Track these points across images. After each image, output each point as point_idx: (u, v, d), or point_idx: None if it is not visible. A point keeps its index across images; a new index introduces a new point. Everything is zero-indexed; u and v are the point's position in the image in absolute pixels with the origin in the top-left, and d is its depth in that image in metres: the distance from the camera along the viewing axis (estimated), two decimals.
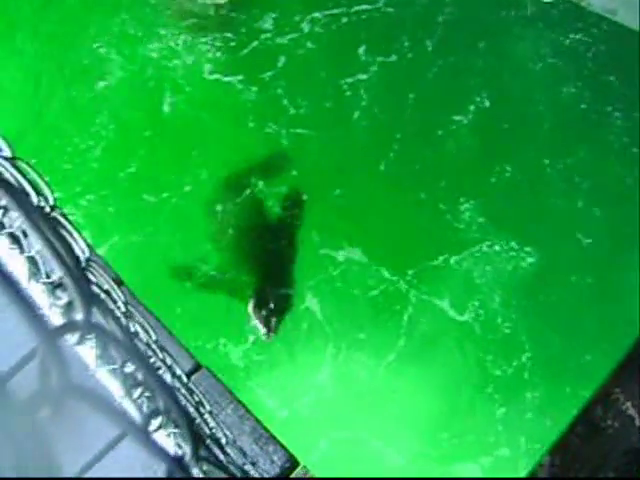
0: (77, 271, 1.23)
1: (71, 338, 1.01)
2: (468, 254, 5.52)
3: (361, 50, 6.30)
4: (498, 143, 5.99)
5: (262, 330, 5.17)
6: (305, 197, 5.75)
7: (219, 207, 5.71)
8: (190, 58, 6.35)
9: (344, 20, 6.50)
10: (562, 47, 6.32)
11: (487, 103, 6.06)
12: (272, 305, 5.23)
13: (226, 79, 6.24)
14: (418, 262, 5.51)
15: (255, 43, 6.37)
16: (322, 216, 5.68)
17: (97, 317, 1.15)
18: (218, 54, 6.38)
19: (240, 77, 6.21)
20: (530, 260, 5.48)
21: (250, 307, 5.25)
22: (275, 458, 2.32)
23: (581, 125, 6.04)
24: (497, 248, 5.54)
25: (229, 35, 6.44)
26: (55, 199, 1.78)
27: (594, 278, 5.41)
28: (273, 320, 5.18)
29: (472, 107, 6.05)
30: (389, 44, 6.36)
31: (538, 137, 5.97)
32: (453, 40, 6.40)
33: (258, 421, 2.30)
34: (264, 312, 5.19)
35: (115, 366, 1.85)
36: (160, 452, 0.97)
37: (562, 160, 5.85)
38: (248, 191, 5.79)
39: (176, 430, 1.33)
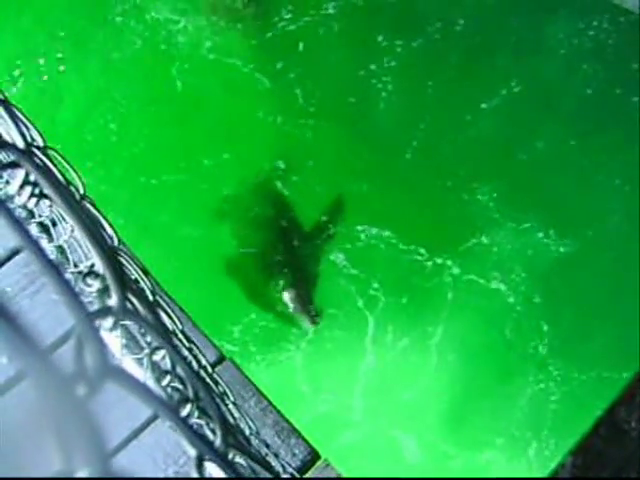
0: (112, 257, 1.24)
1: (105, 323, 1.02)
2: (498, 236, 5.47)
3: (382, 36, 6.14)
4: (524, 125, 5.89)
5: (307, 324, 5.18)
6: (325, 186, 5.72)
7: (225, 191, 5.67)
8: (206, 44, 6.29)
9: None
10: (587, 34, 6.18)
11: (517, 88, 5.94)
12: (307, 298, 5.24)
13: (248, 65, 6.18)
14: (448, 243, 5.50)
15: (271, 32, 6.30)
16: (343, 202, 5.66)
17: (131, 304, 1.16)
18: (240, 41, 6.32)
19: (261, 65, 6.17)
20: (560, 242, 5.43)
21: (287, 299, 5.24)
22: (297, 451, 2.33)
23: (603, 110, 5.91)
24: (529, 230, 5.48)
25: (251, 22, 6.39)
26: (85, 188, 1.81)
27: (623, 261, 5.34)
28: (313, 311, 5.19)
29: (504, 91, 5.92)
30: (415, 26, 6.22)
31: (562, 120, 5.84)
32: (481, 19, 6.27)
33: (280, 414, 2.31)
34: (302, 305, 5.19)
35: (141, 355, 1.87)
36: (191, 436, 0.97)
37: (588, 144, 5.74)
38: (262, 177, 5.75)
39: (206, 418, 1.33)
